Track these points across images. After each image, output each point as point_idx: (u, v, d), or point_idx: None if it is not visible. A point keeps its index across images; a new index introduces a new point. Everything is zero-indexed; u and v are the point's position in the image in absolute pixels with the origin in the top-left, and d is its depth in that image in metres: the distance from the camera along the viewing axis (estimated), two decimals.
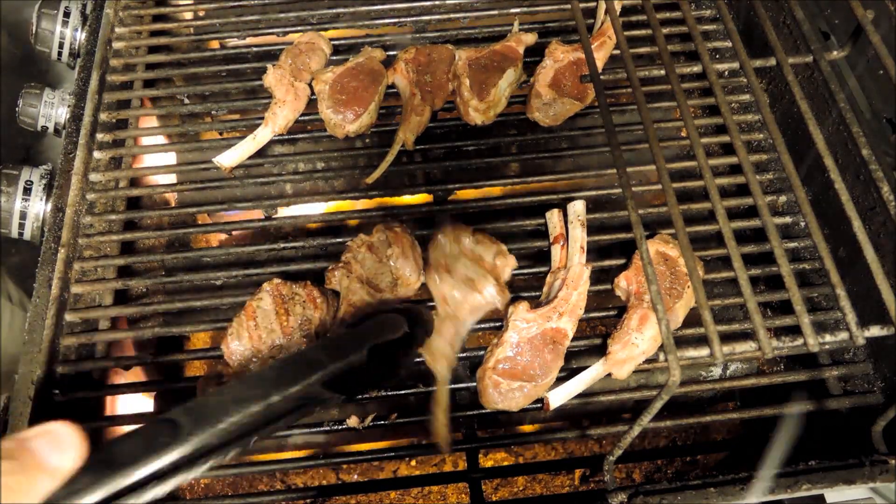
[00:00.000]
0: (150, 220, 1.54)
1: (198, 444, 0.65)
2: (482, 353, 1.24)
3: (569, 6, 1.58)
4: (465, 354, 1.25)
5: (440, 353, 1.17)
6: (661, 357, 1.22)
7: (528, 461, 1.68)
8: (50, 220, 1.39)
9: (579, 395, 1.22)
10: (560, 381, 1.20)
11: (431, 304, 1.26)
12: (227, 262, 1.41)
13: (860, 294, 1.22)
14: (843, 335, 0.90)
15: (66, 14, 1.60)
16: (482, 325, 1.26)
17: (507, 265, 1.26)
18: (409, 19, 1.66)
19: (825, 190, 1.38)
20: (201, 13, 1.73)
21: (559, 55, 1.51)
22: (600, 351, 1.20)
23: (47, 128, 1.54)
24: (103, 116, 1.51)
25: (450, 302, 1.21)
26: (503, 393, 1.18)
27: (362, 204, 1.56)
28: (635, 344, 1.18)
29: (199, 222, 1.59)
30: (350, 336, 0.89)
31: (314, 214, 1.47)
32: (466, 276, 1.21)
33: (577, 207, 1.32)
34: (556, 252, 1.32)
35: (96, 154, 1.47)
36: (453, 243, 1.25)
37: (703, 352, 1.22)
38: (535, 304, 1.25)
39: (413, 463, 1.71)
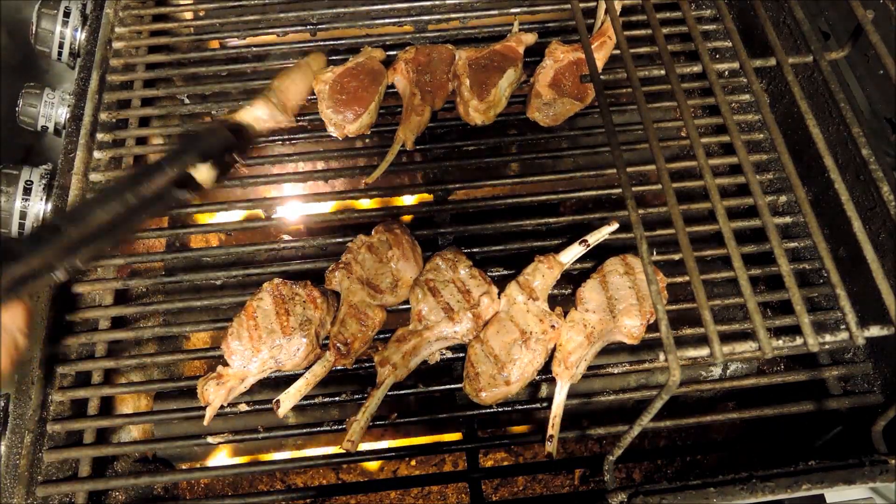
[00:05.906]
0: (150, 220, 1.54)
1: (75, 238, 0.85)
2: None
3: (569, 6, 1.59)
4: (463, 355, 1.24)
5: (391, 362, 1.17)
6: (661, 357, 1.22)
7: (528, 461, 1.68)
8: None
9: (579, 396, 1.22)
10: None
11: (406, 307, 1.26)
12: (227, 262, 1.41)
13: (860, 294, 1.22)
14: (843, 335, 0.90)
15: (66, 14, 1.60)
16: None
17: (492, 307, 1.25)
18: (409, 19, 1.66)
19: (825, 190, 1.38)
20: (201, 13, 1.73)
21: (559, 55, 1.51)
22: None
23: (47, 128, 1.54)
24: (103, 116, 1.51)
25: (423, 320, 1.21)
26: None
27: (362, 204, 1.56)
28: None
29: (199, 222, 1.59)
30: (185, 142, 1.01)
31: (314, 214, 1.47)
32: (448, 303, 1.22)
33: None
34: None
35: (96, 154, 1.47)
36: (449, 269, 1.26)
37: (703, 352, 1.22)
38: None
39: (413, 463, 1.71)
